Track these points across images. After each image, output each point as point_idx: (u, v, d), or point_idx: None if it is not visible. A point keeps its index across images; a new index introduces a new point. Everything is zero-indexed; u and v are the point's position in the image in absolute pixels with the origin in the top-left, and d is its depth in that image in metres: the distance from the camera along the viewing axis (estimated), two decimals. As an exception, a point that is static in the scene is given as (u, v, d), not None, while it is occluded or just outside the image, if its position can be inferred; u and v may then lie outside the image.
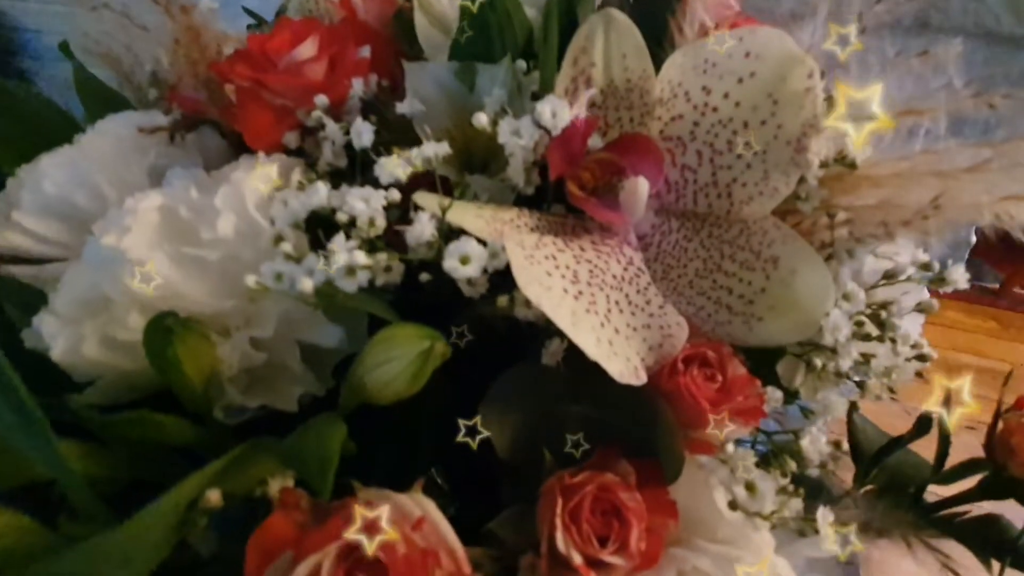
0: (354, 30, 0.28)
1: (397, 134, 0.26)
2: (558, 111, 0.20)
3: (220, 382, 0.20)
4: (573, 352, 0.21)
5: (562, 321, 0.19)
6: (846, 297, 0.22)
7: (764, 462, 0.23)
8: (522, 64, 0.26)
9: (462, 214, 0.20)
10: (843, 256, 0.23)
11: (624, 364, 0.19)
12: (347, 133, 0.25)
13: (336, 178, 0.27)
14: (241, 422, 0.21)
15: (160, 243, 0.22)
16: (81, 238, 0.29)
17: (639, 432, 0.21)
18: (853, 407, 0.28)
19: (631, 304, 0.22)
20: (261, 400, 0.21)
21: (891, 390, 0.26)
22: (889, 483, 0.28)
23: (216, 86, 0.29)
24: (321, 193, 0.19)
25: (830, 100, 0.22)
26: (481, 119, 0.22)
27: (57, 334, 0.21)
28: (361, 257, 0.17)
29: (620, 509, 0.19)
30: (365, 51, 0.27)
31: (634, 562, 0.18)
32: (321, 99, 0.25)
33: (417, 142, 0.27)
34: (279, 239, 0.19)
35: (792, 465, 0.22)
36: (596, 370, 0.20)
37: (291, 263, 0.19)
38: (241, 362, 0.21)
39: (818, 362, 0.22)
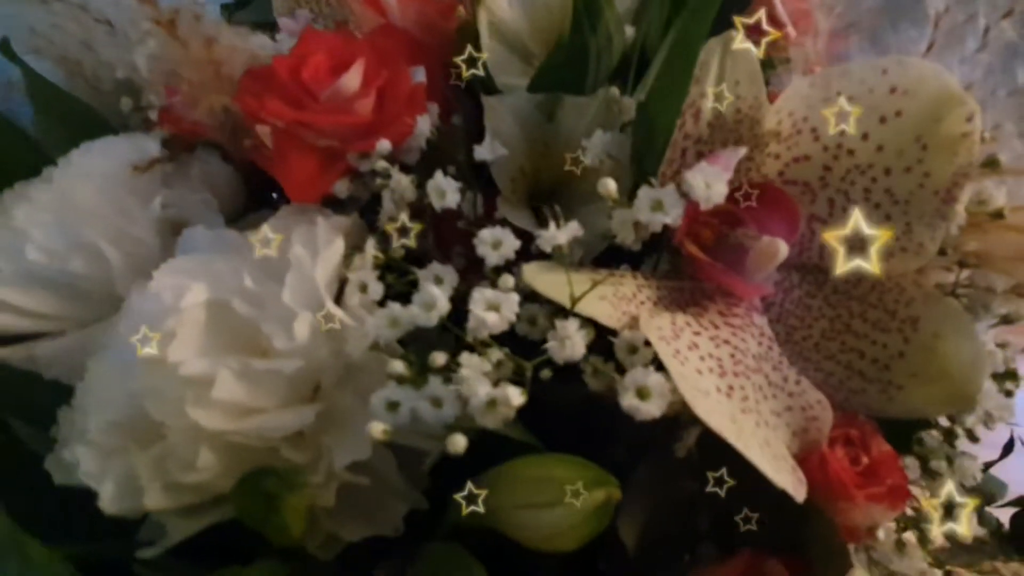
0: (401, 46, 0.23)
1: (466, 178, 0.22)
2: (713, 182, 0.17)
3: (315, 517, 0.17)
4: (704, 437, 0.19)
5: (729, 435, 0.16)
6: (986, 358, 0.20)
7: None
8: (615, 92, 0.22)
9: (589, 302, 0.17)
10: (979, 311, 0.21)
11: (788, 470, 0.17)
12: (418, 186, 0.21)
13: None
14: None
15: (212, 348, 0.18)
16: (81, 307, 0.24)
17: (785, 526, 0.19)
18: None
19: (772, 385, 0.19)
20: (363, 532, 0.18)
21: (986, 425, 0.25)
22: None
23: (238, 122, 0.23)
24: (441, 305, 0.15)
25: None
26: (610, 186, 0.18)
27: (101, 474, 0.17)
28: (516, 396, 0.14)
29: (785, 625, 0.17)
30: (420, 74, 0.23)
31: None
32: (384, 145, 0.21)
33: (492, 186, 0.23)
34: (388, 353, 0.16)
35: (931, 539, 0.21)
36: (729, 457, 0.18)
37: (407, 389, 0.15)
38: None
39: (959, 430, 0.21)
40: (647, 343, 0.17)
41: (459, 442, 0.14)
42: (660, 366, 0.17)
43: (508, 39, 0.24)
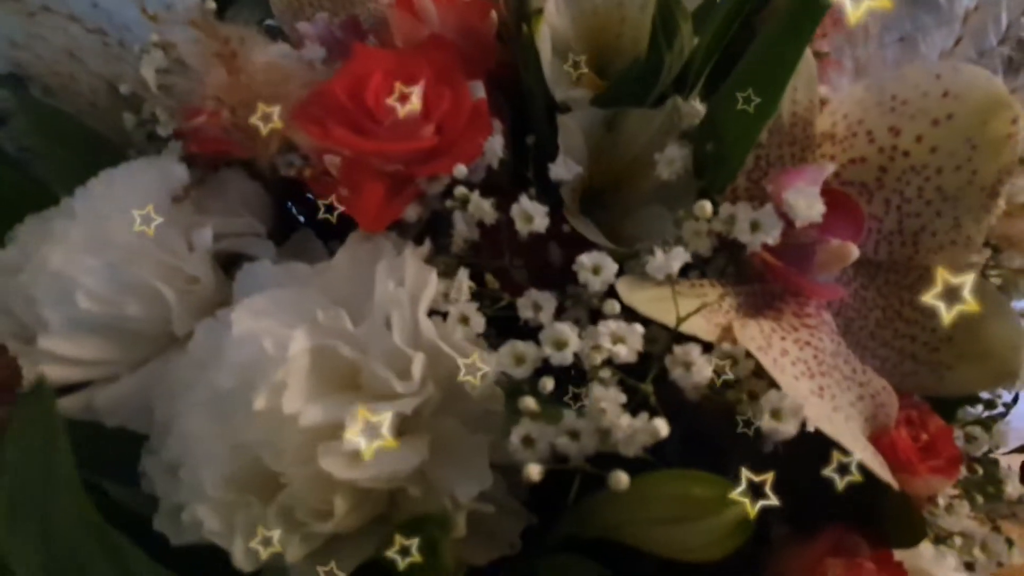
0: (454, 59, 0.22)
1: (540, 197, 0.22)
2: (813, 203, 0.18)
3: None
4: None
5: (834, 434, 0.18)
6: (1020, 334, 0.22)
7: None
8: (679, 101, 0.22)
9: (693, 320, 0.18)
10: (1011, 290, 0.23)
11: (874, 457, 0.19)
12: (496, 207, 0.20)
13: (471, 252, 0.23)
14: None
15: (318, 393, 0.18)
16: (133, 349, 0.23)
17: (862, 502, 0.21)
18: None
19: (846, 379, 0.21)
20: (488, 555, 0.18)
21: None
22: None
23: (281, 143, 0.22)
24: (574, 342, 0.16)
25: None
26: (707, 208, 0.19)
27: (228, 532, 0.17)
28: (663, 427, 0.15)
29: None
30: (479, 89, 0.22)
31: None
32: (461, 169, 0.20)
33: (558, 202, 0.23)
34: (517, 393, 0.16)
35: (979, 500, 0.23)
36: (807, 440, 0.20)
37: (541, 424, 0.16)
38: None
39: (998, 401, 0.23)
40: (748, 355, 0.18)
41: (622, 479, 0.15)
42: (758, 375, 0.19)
43: (557, 47, 0.24)
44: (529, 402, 0.16)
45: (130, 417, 0.22)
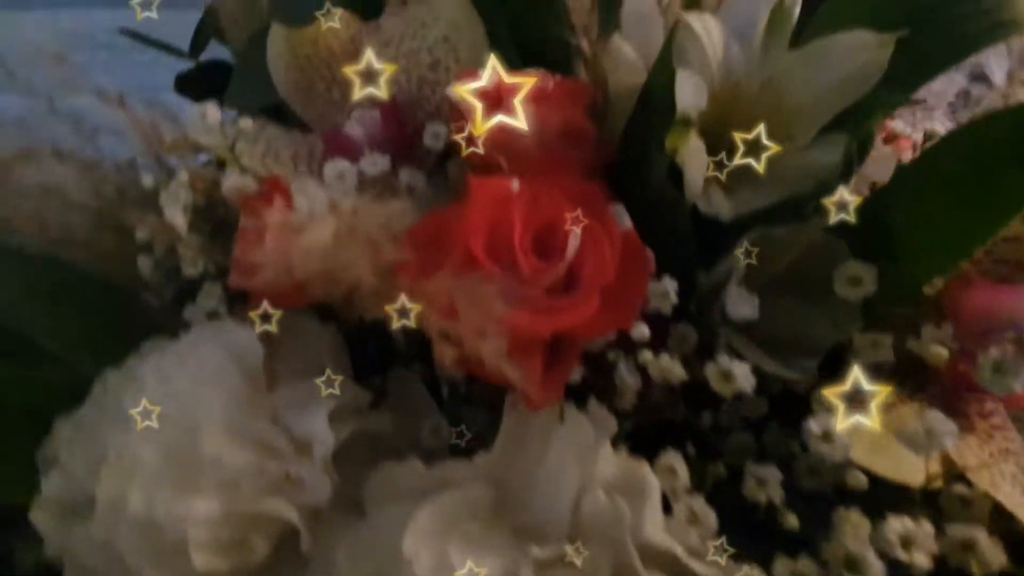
0: (581, 180, 0.19)
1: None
2: None
3: None
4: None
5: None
6: None
7: None
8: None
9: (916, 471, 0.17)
10: None
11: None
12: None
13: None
14: None
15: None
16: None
17: None
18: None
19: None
20: None
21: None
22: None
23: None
24: (873, 562, 0.14)
25: None
26: (937, 354, 0.17)
27: None
28: None
29: None
30: (624, 216, 0.19)
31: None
32: (642, 330, 0.17)
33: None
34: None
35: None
36: None
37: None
38: None
39: None
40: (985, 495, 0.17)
41: None
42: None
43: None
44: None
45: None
